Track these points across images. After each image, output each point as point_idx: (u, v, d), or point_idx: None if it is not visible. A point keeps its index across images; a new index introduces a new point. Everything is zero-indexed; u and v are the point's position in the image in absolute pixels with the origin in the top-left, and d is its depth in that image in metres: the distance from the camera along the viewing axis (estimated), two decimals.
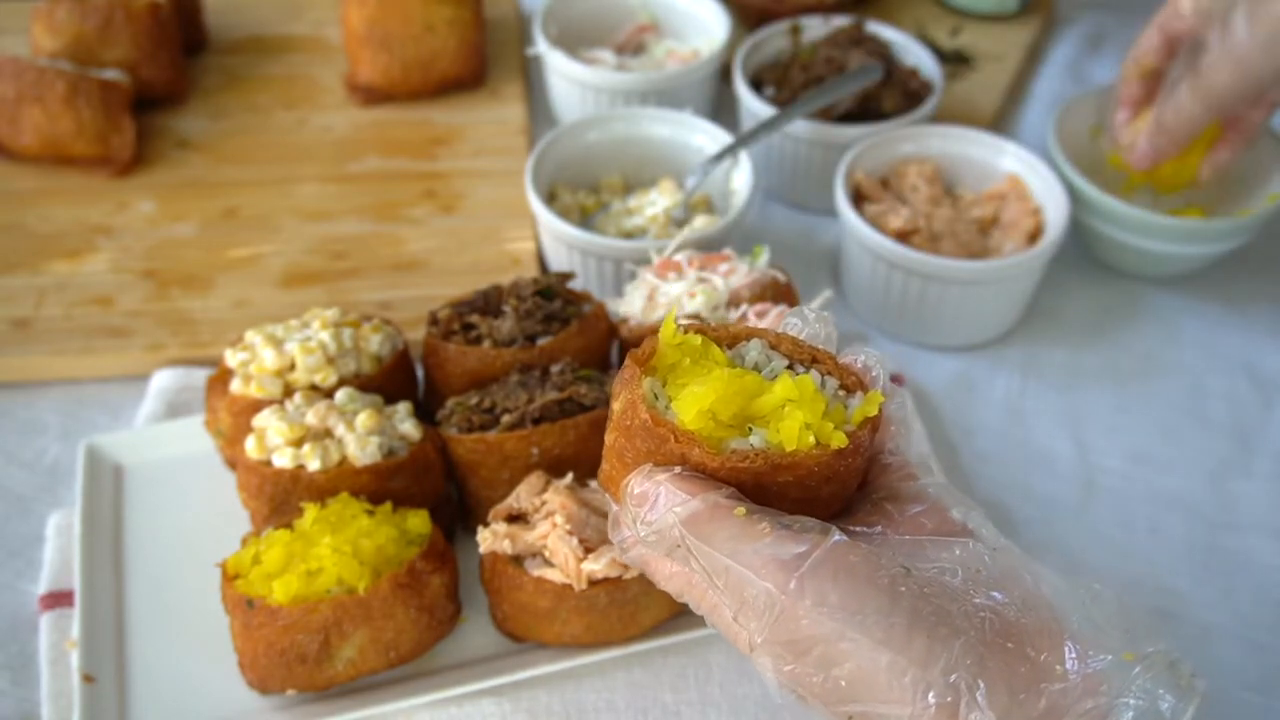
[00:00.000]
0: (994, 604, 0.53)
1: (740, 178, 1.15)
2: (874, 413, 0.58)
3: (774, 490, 0.56)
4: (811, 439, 0.55)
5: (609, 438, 0.61)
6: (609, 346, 0.97)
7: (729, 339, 0.60)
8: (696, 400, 0.56)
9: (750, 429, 0.56)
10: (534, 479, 0.85)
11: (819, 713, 0.53)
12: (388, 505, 0.85)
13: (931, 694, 0.49)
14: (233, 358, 0.91)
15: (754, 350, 0.60)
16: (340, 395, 0.88)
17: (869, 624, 0.51)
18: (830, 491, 0.58)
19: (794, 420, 0.55)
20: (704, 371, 0.58)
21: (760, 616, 0.52)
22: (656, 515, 0.55)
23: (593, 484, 0.85)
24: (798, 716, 0.54)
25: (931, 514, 0.58)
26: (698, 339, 0.59)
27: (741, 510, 0.54)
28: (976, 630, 0.51)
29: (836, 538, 0.53)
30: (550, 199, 1.20)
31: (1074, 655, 0.52)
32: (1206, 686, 0.51)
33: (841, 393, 0.59)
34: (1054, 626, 0.53)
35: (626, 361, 0.59)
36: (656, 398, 0.58)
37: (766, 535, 0.53)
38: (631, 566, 0.62)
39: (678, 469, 0.56)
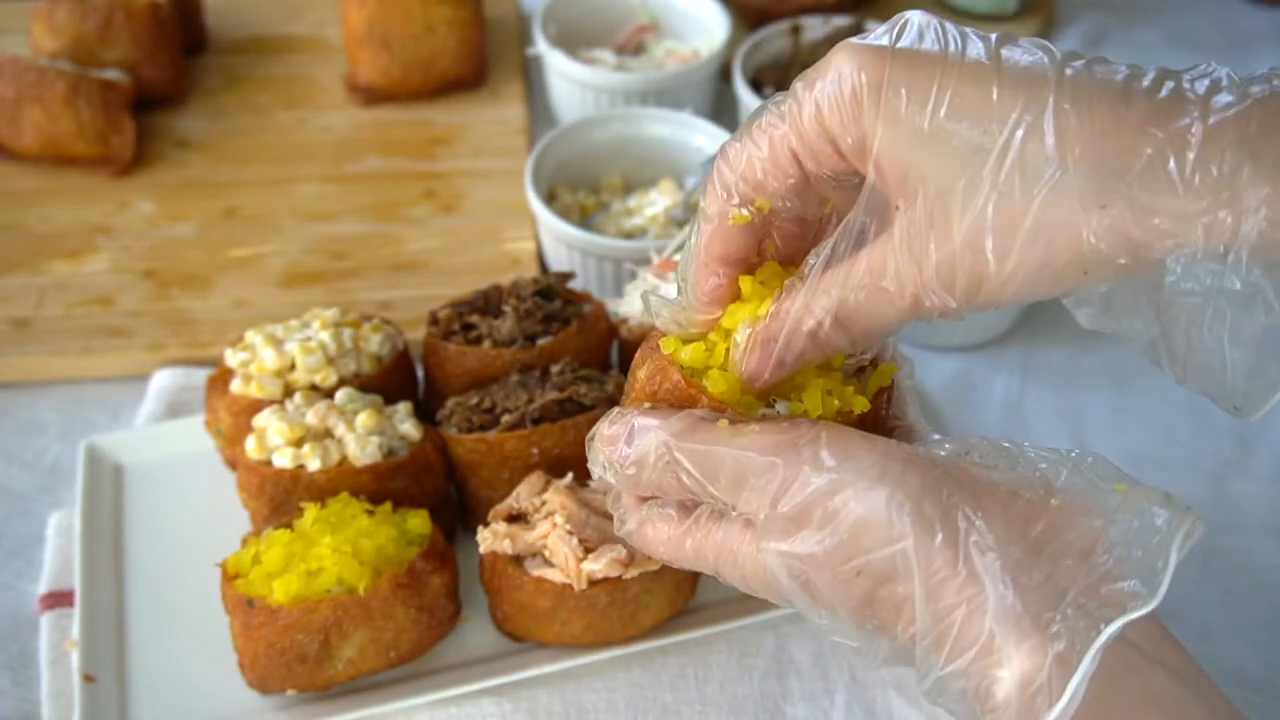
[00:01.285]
0: (982, 465, 0.55)
1: None
2: (887, 383, 0.61)
3: None
4: (835, 404, 0.58)
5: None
6: (609, 346, 0.97)
7: None
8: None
9: (773, 400, 0.59)
10: (534, 479, 0.85)
11: (827, 587, 0.54)
12: (388, 505, 0.85)
13: (931, 521, 0.50)
14: (233, 358, 0.91)
15: None
16: (340, 395, 0.88)
17: (865, 470, 0.52)
18: None
19: (816, 388, 0.58)
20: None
21: (763, 493, 0.54)
22: (636, 444, 0.57)
23: (593, 484, 0.85)
24: (805, 606, 0.55)
25: None
26: None
27: (724, 422, 0.56)
28: (969, 479, 0.53)
29: (826, 424, 0.55)
30: (550, 199, 1.20)
31: (1067, 490, 0.53)
32: (1202, 518, 0.52)
33: (850, 360, 0.62)
34: (1044, 480, 0.54)
35: (654, 330, 0.61)
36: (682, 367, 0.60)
37: (757, 431, 0.55)
38: (630, 542, 0.63)
39: (647, 405, 0.58)
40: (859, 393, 0.59)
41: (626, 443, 0.57)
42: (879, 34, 0.52)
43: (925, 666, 0.51)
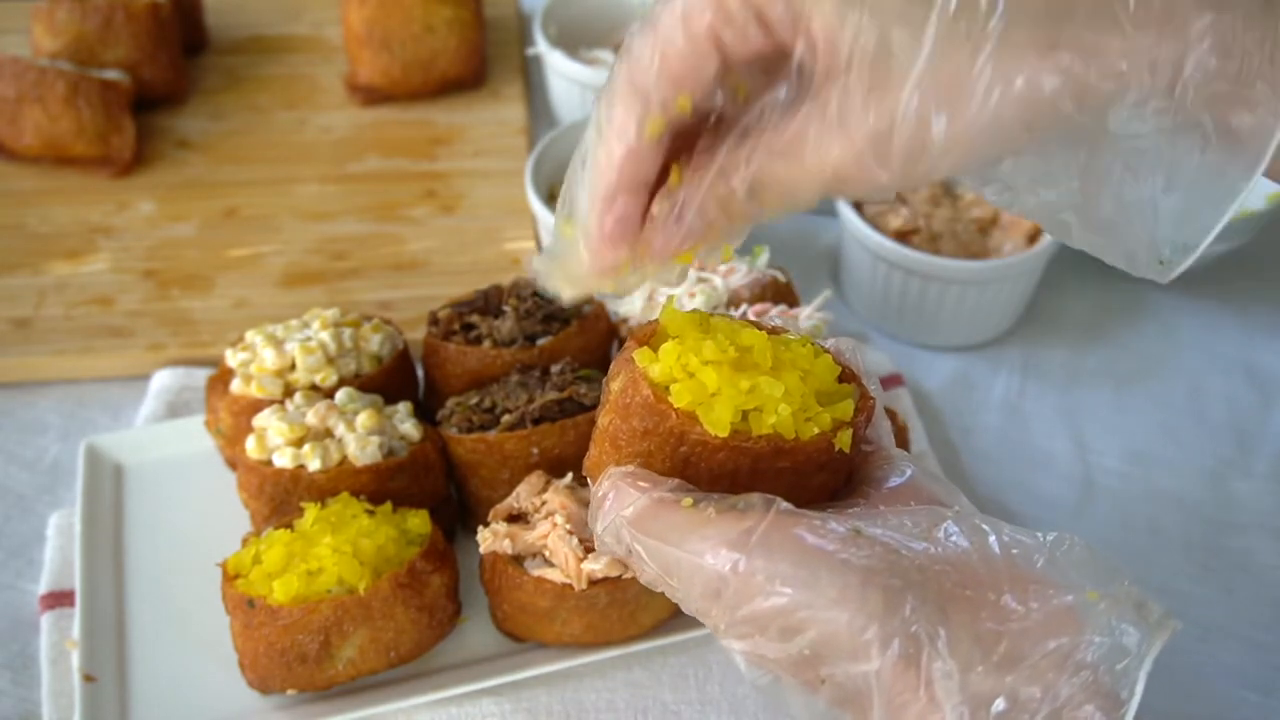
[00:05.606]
0: (951, 555, 0.52)
1: None
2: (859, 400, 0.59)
3: (769, 475, 0.56)
4: (813, 429, 0.56)
5: (602, 420, 0.60)
6: (609, 346, 0.97)
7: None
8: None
9: (745, 414, 0.57)
10: (534, 479, 0.85)
11: (793, 688, 0.53)
12: (388, 505, 0.85)
13: (893, 646, 0.49)
14: (233, 358, 0.92)
15: None
16: (340, 395, 0.88)
17: (822, 587, 0.50)
18: (821, 481, 0.58)
19: (784, 411, 0.56)
20: None
21: (718, 601, 0.52)
22: (602, 521, 0.55)
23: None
24: (774, 698, 0.54)
25: (905, 490, 0.58)
26: (696, 318, 0.59)
27: (688, 501, 0.53)
28: (934, 581, 0.51)
29: (781, 507, 0.52)
30: (550, 199, 1.19)
31: (1036, 598, 0.51)
32: (1178, 627, 0.51)
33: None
34: (1017, 573, 0.52)
35: (627, 342, 0.59)
36: None
37: (713, 520, 0.52)
38: (614, 559, 0.62)
39: (632, 467, 0.56)
40: (839, 422, 0.57)
41: (604, 509, 0.55)
42: None
43: None
